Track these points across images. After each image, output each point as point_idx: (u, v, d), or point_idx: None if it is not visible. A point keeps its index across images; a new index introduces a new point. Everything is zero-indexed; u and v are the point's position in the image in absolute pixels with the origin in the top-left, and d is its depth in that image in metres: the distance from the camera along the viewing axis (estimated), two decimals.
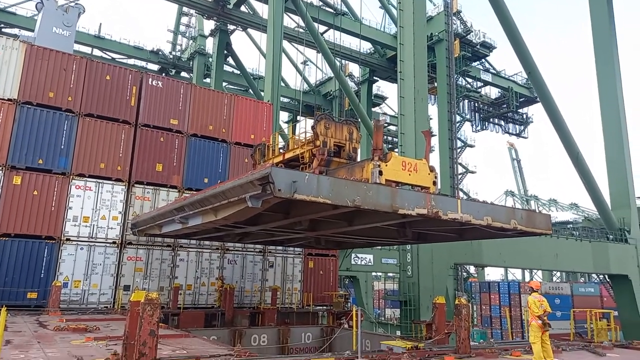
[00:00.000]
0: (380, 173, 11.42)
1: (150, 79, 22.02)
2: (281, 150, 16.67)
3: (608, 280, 33.63)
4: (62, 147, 19.30)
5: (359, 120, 41.60)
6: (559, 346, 11.97)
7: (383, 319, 51.72)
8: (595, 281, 46.90)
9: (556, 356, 10.09)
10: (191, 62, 46.33)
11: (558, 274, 65.97)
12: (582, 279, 61.00)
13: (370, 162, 11.74)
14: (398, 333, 26.21)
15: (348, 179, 10.27)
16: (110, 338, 11.07)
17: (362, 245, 26.17)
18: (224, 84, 44.96)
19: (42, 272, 18.07)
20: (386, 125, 55.37)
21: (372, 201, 9.96)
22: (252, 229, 14.65)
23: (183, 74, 49.10)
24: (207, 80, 44.54)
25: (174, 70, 48.38)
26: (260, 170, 9.43)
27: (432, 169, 12.68)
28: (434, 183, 12.55)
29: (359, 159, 14.54)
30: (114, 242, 19.54)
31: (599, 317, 14.66)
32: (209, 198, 11.90)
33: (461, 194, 47.23)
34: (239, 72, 45.85)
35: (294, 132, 16.42)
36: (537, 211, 14.14)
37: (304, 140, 14.56)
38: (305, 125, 15.01)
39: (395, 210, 10.28)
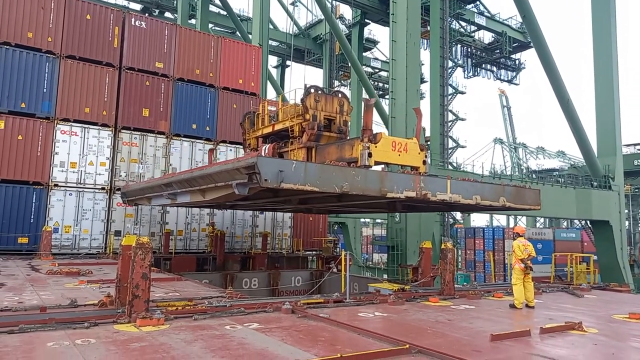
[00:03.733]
0: (370, 155, 11.25)
1: (133, 19, 21.15)
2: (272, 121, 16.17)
3: (590, 225, 34.60)
4: (45, 90, 18.77)
5: (350, 65, 40.75)
6: (539, 288, 12.43)
7: (371, 263, 53.17)
8: (577, 227, 48.27)
9: (536, 297, 10.50)
10: (175, 2, 44.35)
11: (542, 219, 67.64)
12: (565, 224, 62.71)
13: (360, 143, 11.50)
14: (385, 276, 27.04)
15: (336, 165, 10.05)
16: (103, 281, 11.26)
17: (352, 213, 26.61)
18: (210, 25, 43.27)
19: (32, 217, 18.08)
20: (377, 71, 54.44)
21: (360, 186, 9.91)
22: (242, 203, 14.68)
23: (167, 14, 47.12)
24: (192, 21, 42.79)
25: (157, 10, 46.34)
26: (246, 158, 9.26)
27: (422, 148, 12.52)
28: (424, 162, 12.45)
29: (349, 128, 14.34)
30: (103, 188, 19.48)
31: (579, 261, 15.17)
32: (196, 179, 11.72)
33: (450, 142, 47.31)
34: (225, 14, 44.08)
35: (283, 100, 15.83)
36: (527, 187, 14.05)
37: (293, 113, 14.13)
38: (295, 97, 14.53)
39: (384, 194, 10.29)
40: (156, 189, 14.94)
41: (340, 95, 14.18)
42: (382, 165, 12.97)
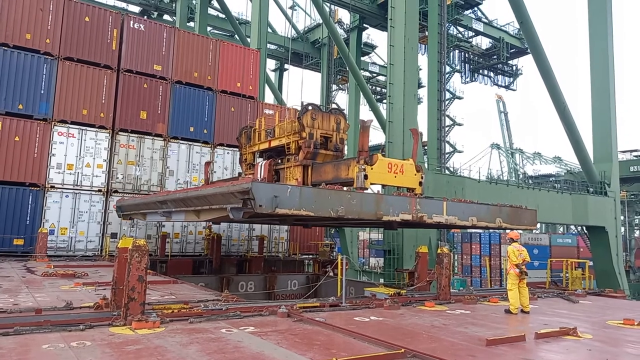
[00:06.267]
0: (366, 177, 11.23)
1: (131, 22, 21.19)
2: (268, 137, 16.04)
3: (586, 231, 34.70)
4: (42, 91, 18.76)
5: (348, 69, 40.85)
6: (535, 293, 12.46)
7: (367, 267, 52.96)
8: (574, 232, 48.37)
9: (532, 303, 10.53)
10: (174, 4, 44.40)
11: (538, 225, 67.75)
12: (561, 230, 62.84)
13: (356, 164, 11.49)
14: (381, 281, 27.02)
15: (332, 189, 10.06)
16: (99, 283, 11.23)
17: (349, 227, 26.48)
18: (209, 28, 43.38)
19: (28, 219, 18.03)
20: (375, 75, 54.57)
21: (356, 210, 9.93)
22: (238, 220, 14.74)
23: (166, 17, 47.13)
24: (191, 24, 42.89)
25: (156, 13, 46.38)
26: (241, 183, 9.27)
27: (418, 169, 12.54)
28: (420, 184, 12.47)
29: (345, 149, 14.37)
30: (100, 190, 19.44)
31: (575, 267, 15.22)
32: (191, 199, 11.71)
33: (447, 147, 47.43)
34: (224, 17, 44.19)
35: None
36: (524, 207, 14.07)
37: (290, 130, 14.07)
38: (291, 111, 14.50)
39: (380, 217, 10.34)
40: (151, 206, 14.92)
41: (337, 113, 14.18)
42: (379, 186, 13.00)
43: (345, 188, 10.59)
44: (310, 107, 13.54)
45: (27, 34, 18.68)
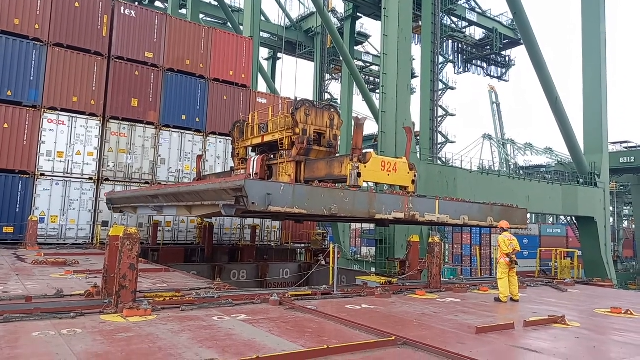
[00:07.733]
0: (359, 175, 11.17)
1: (122, 8, 20.88)
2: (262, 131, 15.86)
3: (575, 221, 35.07)
4: (32, 78, 18.49)
5: (341, 58, 40.66)
6: (524, 282, 12.61)
7: (359, 256, 53.29)
8: (563, 222, 48.87)
9: (521, 291, 10.66)
10: None
11: (528, 215, 68.27)
12: (551, 220, 63.46)
13: (350, 162, 11.43)
14: (373, 270, 27.17)
15: (325, 187, 10.03)
16: (90, 271, 11.19)
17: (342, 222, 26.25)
18: (201, 16, 42.87)
19: (18, 206, 17.87)
20: (368, 65, 54.38)
21: (349, 208, 9.96)
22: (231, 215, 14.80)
23: (157, 3, 46.54)
24: (183, 11, 42.36)
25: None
26: (234, 180, 9.22)
27: (411, 167, 12.52)
28: (413, 182, 12.50)
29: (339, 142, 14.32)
30: (90, 178, 19.30)
31: (564, 256, 15.40)
32: (183, 194, 11.62)
33: (440, 137, 47.55)
34: (216, 4, 43.72)
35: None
36: (515, 206, 14.13)
37: (283, 125, 13.92)
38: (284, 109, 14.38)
39: (372, 216, 10.40)
40: (142, 200, 14.78)
41: (330, 109, 14.10)
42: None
43: (338, 185, 10.60)
44: (304, 103, 13.46)
45: (16, 19, 18.35)
